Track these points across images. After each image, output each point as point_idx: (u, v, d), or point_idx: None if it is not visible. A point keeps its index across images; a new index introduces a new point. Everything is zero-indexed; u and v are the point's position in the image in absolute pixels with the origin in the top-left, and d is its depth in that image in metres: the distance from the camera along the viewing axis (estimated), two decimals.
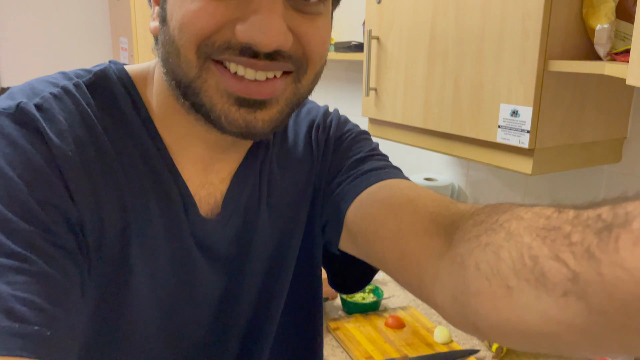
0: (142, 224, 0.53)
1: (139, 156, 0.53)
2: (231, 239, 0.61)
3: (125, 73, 0.56)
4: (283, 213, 0.65)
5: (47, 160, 0.46)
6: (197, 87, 0.48)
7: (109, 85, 0.54)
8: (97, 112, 0.52)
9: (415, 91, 1.28)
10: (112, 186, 0.50)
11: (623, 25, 0.93)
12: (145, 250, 0.53)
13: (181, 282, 0.57)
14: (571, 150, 1.10)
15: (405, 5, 1.27)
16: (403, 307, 1.43)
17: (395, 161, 1.90)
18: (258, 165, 0.63)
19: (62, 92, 0.51)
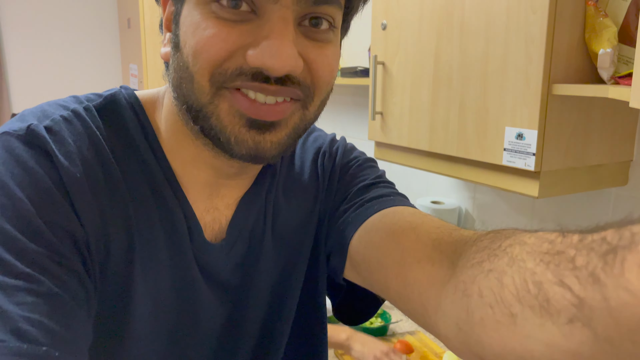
0: (147, 247, 0.53)
1: (145, 180, 0.54)
2: (235, 266, 0.61)
3: (136, 98, 0.57)
4: (288, 241, 0.65)
5: (56, 181, 0.46)
6: (210, 111, 0.48)
7: (118, 110, 0.55)
8: (106, 136, 0.53)
9: (420, 115, 1.29)
10: (119, 209, 0.51)
11: (625, 49, 0.94)
12: (149, 274, 0.53)
13: (183, 308, 0.57)
14: (577, 173, 1.10)
15: (410, 31, 1.29)
16: (411, 331, 1.42)
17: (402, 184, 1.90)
18: (264, 192, 0.63)
19: (72, 115, 0.52)
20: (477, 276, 0.40)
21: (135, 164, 0.54)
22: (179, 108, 0.52)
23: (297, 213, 0.65)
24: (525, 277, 0.35)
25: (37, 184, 0.46)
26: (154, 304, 0.54)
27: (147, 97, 0.58)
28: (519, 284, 0.35)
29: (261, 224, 0.62)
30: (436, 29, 1.21)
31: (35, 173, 0.46)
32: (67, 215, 0.46)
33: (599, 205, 1.27)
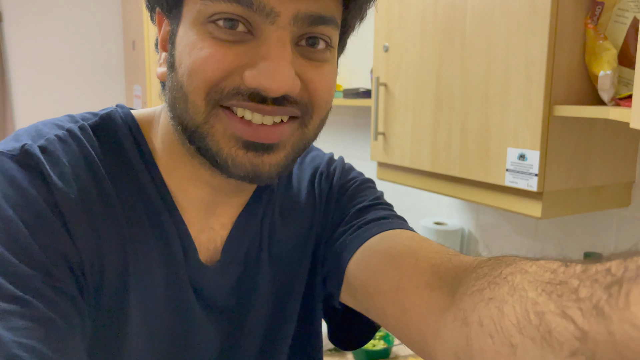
0: (142, 269, 0.52)
1: (140, 200, 0.53)
2: (230, 288, 0.59)
3: (132, 117, 0.57)
4: (285, 263, 0.63)
5: (50, 203, 0.46)
6: (204, 132, 0.48)
7: (114, 129, 0.55)
8: (101, 155, 0.52)
9: (422, 135, 1.30)
10: (114, 229, 0.50)
11: (625, 71, 0.95)
12: (143, 296, 0.53)
13: (178, 332, 0.56)
14: (580, 194, 1.10)
15: (412, 52, 1.31)
16: (414, 354, 1.41)
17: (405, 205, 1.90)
18: (260, 212, 0.62)
19: (67, 134, 0.51)
20: (478, 304, 0.39)
21: (131, 184, 0.53)
22: (175, 128, 0.52)
23: (294, 234, 0.64)
24: (526, 307, 0.34)
25: (31, 205, 0.45)
26: (148, 328, 0.53)
27: (143, 116, 0.58)
28: (520, 314, 0.34)
29: (257, 245, 0.61)
30: (438, 50, 1.22)
31: (29, 194, 0.45)
32: (62, 238, 0.46)
33: (602, 226, 1.27)
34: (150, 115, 0.58)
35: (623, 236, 1.23)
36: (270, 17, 0.45)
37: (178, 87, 0.48)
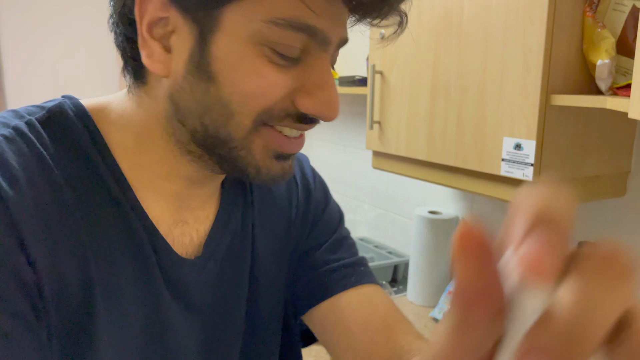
0: (107, 274, 0.49)
1: (100, 197, 0.49)
2: (209, 284, 0.57)
3: (83, 109, 0.52)
4: (265, 262, 0.63)
5: (1, 215, 0.42)
6: (241, 145, 0.48)
7: (65, 123, 0.50)
8: (54, 154, 0.47)
9: (418, 124, 1.29)
10: (72, 235, 0.46)
11: (624, 60, 0.95)
12: (112, 301, 0.49)
13: (153, 331, 0.53)
14: (575, 184, 1.10)
15: (408, 40, 1.29)
16: None
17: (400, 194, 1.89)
18: (239, 211, 0.61)
19: (14, 133, 0.46)
20: None
21: (90, 183, 0.49)
22: (179, 130, 0.49)
23: (273, 237, 0.64)
24: None
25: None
26: (120, 333, 0.50)
27: (95, 107, 0.53)
28: None
29: (238, 242, 0.60)
30: (434, 39, 1.21)
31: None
32: (14, 254, 0.42)
33: (597, 216, 1.27)
34: (104, 106, 0.53)
35: (618, 226, 1.23)
36: (324, 45, 0.46)
37: (219, 102, 0.46)
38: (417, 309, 1.65)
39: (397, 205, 1.99)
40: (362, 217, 2.21)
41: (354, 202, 2.26)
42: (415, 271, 1.68)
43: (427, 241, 1.63)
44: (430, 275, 1.65)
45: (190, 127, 0.49)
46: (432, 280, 1.65)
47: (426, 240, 1.63)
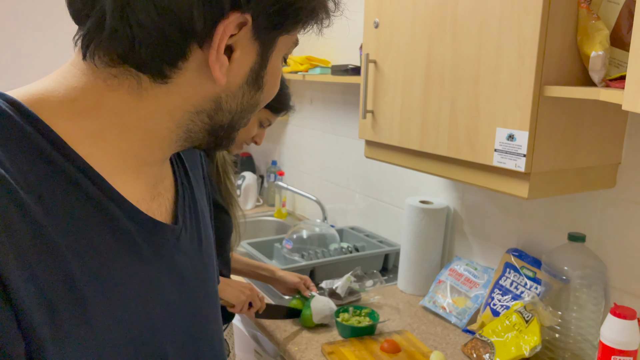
0: (95, 272, 0.47)
1: (71, 197, 0.47)
2: (187, 253, 0.61)
3: (18, 102, 0.47)
4: (205, 221, 0.69)
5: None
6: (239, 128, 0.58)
7: (7, 124, 0.45)
8: (8, 167, 0.43)
9: (411, 114, 1.29)
10: (49, 254, 0.44)
11: (617, 52, 0.95)
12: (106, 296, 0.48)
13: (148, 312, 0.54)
14: (566, 175, 1.11)
15: (403, 30, 1.29)
16: (399, 331, 1.42)
17: (391, 184, 1.91)
18: (182, 173, 0.65)
19: None
20: None
21: (60, 188, 0.46)
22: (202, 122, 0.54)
23: (201, 196, 0.70)
24: None
25: None
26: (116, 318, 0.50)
27: (31, 98, 0.48)
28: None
29: (193, 208, 0.65)
30: (429, 28, 1.21)
31: None
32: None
33: (586, 207, 1.28)
34: (43, 96, 0.49)
35: (607, 217, 1.24)
36: None
37: (255, 102, 0.57)
38: (408, 297, 1.67)
39: (388, 194, 2.00)
40: (354, 207, 2.21)
41: (345, 191, 2.26)
42: (406, 260, 1.69)
43: (418, 230, 1.64)
44: (420, 265, 1.66)
45: (217, 120, 0.55)
46: (422, 269, 1.66)
47: (417, 230, 1.64)
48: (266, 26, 0.51)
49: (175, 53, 0.48)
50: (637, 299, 1.20)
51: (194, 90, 0.51)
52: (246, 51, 0.51)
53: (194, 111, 0.53)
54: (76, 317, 0.45)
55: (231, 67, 0.51)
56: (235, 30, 0.49)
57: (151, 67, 0.48)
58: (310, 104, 2.43)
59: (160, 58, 0.48)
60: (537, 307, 1.22)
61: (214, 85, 0.51)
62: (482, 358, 1.24)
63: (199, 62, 0.49)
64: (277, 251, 1.96)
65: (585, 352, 1.20)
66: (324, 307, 1.44)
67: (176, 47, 0.48)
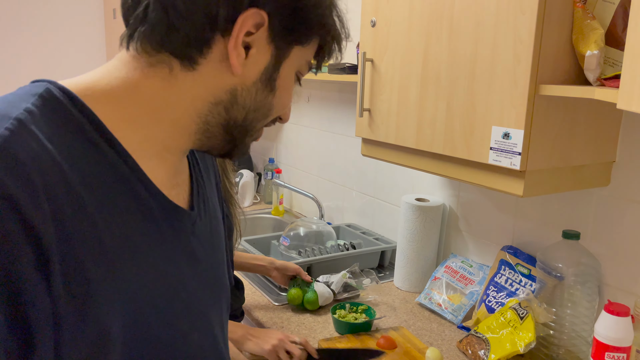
0: (121, 240, 0.53)
1: (106, 174, 0.53)
2: (202, 238, 0.67)
3: (68, 90, 0.54)
4: (214, 216, 0.74)
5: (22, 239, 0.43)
6: (252, 133, 0.64)
7: (58, 107, 0.52)
8: (55, 141, 0.49)
9: (408, 113, 1.30)
10: (84, 219, 0.49)
11: (612, 51, 0.96)
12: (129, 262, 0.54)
13: (169, 288, 0.59)
14: (561, 173, 1.12)
15: (399, 28, 1.30)
16: (395, 327, 1.43)
17: (387, 181, 1.91)
18: (195, 169, 0.71)
19: (17, 125, 0.47)
20: None
21: (94, 163, 0.52)
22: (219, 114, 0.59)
23: (211, 190, 0.76)
24: None
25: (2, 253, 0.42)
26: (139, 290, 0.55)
27: (78, 86, 0.55)
28: None
29: (206, 199, 0.72)
30: (425, 27, 1.22)
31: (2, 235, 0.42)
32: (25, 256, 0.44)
33: (581, 204, 1.30)
34: (88, 85, 0.56)
35: (601, 214, 1.25)
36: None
37: (267, 105, 0.62)
38: (404, 294, 1.68)
39: (385, 192, 2.01)
40: (350, 204, 2.22)
41: (342, 189, 2.27)
42: (402, 257, 1.70)
43: (414, 228, 1.65)
44: (416, 262, 1.67)
45: (232, 115, 0.60)
46: (418, 266, 1.67)
47: (413, 227, 1.65)
48: (280, 31, 0.58)
49: (202, 38, 0.55)
50: (630, 296, 1.21)
51: (215, 80, 0.58)
52: (262, 51, 0.58)
53: (213, 102, 0.59)
54: (104, 276, 0.51)
55: (247, 62, 0.58)
56: (253, 29, 0.56)
57: (183, 52, 0.56)
58: (307, 102, 2.44)
59: (190, 43, 0.55)
60: (532, 304, 1.24)
61: (232, 77, 0.58)
62: (477, 354, 1.25)
63: (220, 54, 0.56)
64: (274, 248, 1.97)
65: (579, 348, 1.21)
66: (325, 290, 1.54)
67: (203, 32, 0.55)
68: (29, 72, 3.08)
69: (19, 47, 3.06)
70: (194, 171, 0.70)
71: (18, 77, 3.06)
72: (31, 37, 3.08)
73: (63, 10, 3.14)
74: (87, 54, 3.25)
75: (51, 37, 3.14)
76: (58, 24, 3.14)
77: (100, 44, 3.29)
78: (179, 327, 0.61)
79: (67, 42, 3.18)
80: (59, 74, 3.12)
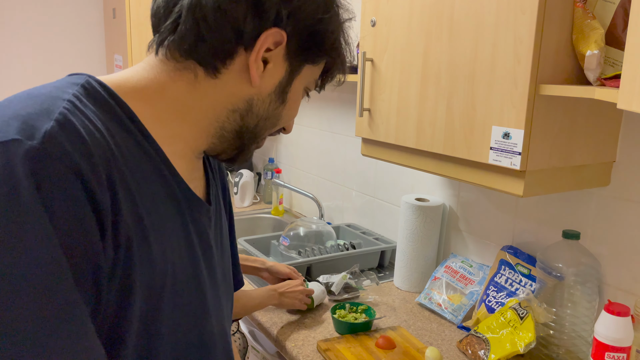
0: (151, 212, 0.58)
1: (143, 164, 0.58)
2: (213, 230, 0.73)
3: (104, 84, 0.59)
4: (224, 220, 0.80)
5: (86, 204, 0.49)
6: (258, 141, 0.70)
7: (99, 97, 0.57)
8: (100, 125, 0.54)
9: (408, 112, 1.30)
10: (127, 188, 0.55)
11: (612, 51, 0.96)
12: (157, 230, 0.59)
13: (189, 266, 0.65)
14: (561, 173, 1.11)
15: (399, 28, 1.29)
16: (393, 327, 1.43)
17: (387, 181, 1.91)
18: (209, 169, 0.77)
19: (72, 106, 0.52)
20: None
21: (133, 150, 0.57)
22: (234, 121, 0.65)
23: (218, 192, 0.81)
24: None
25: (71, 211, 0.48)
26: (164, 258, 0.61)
27: (113, 82, 0.60)
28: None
29: (217, 196, 0.78)
30: (426, 27, 1.21)
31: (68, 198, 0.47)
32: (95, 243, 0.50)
33: (581, 204, 1.29)
34: (121, 82, 0.61)
35: (601, 214, 1.25)
36: None
37: (277, 115, 0.69)
38: (403, 294, 1.68)
39: (385, 192, 2.00)
40: (350, 204, 2.22)
41: (342, 188, 2.27)
42: (402, 257, 1.70)
43: (414, 228, 1.65)
44: (416, 262, 1.67)
45: (246, 122, 0.66)
46: (418, 266, 1.67)
47: (413, 227, 1.65)
48: (295, 50, 0.64)
49: (227, 51, 0.60)
50: (630, 296, 1.21)
51: (234, 89, 0.63)
52: (278, 66, 0.64)
53: (231, 109, 0.64)
54: (143, 249, 0.56)
55: (264, 75, 0.63)
56: (273, 46, 0.62)
57: (208, 61, 0.61)
58: (307, 102, 2.44)
59: (216, 54, 0.60)
60: (532, 303, 1.23)
61: (250, 87, 0.63)
62: (477, 354, 1.25)
63: (241, 65, 0.62)
64: (274, 248, 1.97)
65: (579, 348, 1.21)
66: (319, 288, 1.56)
67: (228, 46, 0.60)
68: (29, 72, 3.08)
69: (18, 46, 3.06)
70: (209, 172, 0.76)
71: (17, 76, 3.05)
72: (31, 37, 3.08)
73: (62, 9, 3.14)
74: (87, 54, 3.25)
75: (51, 36, 3.13)
76: (57, 23, 3.14)
77: (99, 44, 3.29)
78: (193, 311, 0.66)
79: (66, 42, 3.18)
80: (58, 73, 3.12)
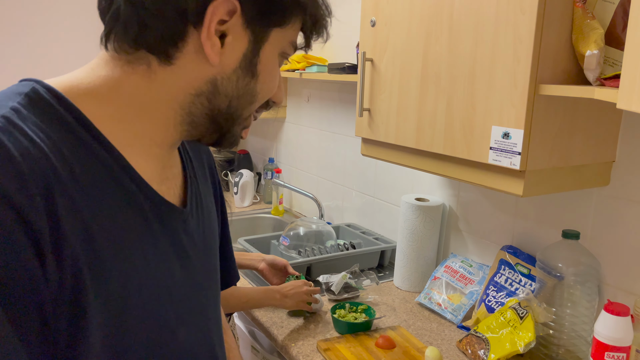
0: (110, 235, 0.53)
1: (94, 169, 0.54)
2: (193, 235, 0.67)
3: (53, 88, 0.55)
4: (208, 208, 0.75)
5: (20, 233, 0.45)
6: (240, 121, 0.63)
7: (44, 105, 0.53)
8: (43, 137, 0.50)
9: (408, 112, 1.30)
10: (73, 211, 0.50)
11: (612, 51, 0.96)
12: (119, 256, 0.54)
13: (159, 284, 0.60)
14: (561, 173, 1.12)
15: (399, 28, 1.29)
16: (393, 327, 1.43)
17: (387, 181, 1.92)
18: (188, 164, 0.72)
19: (5, 122, 0.48)
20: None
21: (82, 158, 0.53)
22: (202, 105, 0.59)
23: (205, 185, 0.76)
24: None
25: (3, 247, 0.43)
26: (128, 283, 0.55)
27: (62, 85, 0.56)
28: None
29: (199, 195, 0.72)
30: (425, 27, 1.22)
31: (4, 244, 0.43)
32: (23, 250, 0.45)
33: (580, 204, 1.29)
34: (73, 83, 0.57)
35: (601, 214, 1.25)
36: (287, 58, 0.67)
37: (251, 91, 0.61)
38: (403, 294, 1.68)
39: (384, 192, 2.01)
40: (350, 204, 2.22)
41: (342, 188, 2.27)
42: (402, 257, 1.70)
43: (414, 228, 1.65)
44: (416, 262, 1.67)
45: (216, 104, 0.60)
46: (418, 266, 1.67)
47: (413, 227, 1.65)
48: (254, 15, 0.57)
49: (175, 33, 0.55)
50: (630, 296, 1.21)
51: (193, 72, 0.57)
52: (238, 37, 0.57)
53: (194, 93, 0.59)
54: (92, 269, 0.51)
55: (224, 51, 0.57)
56: (227, 17, 0.56)
57: (158, 48, 0.56)
58: (307, 102, 2.44)
59: (164, 38, 0.55)
60: (532, 303, 1.23)
61: (210, 67, 0.57)
62: (477, 354, 1.25)
63: (196, 46, 0.56)
64: (274, 248, 1.97)
65: (579, 348, 1.21)
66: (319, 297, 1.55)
67: (175, 27, 0.55)
68: (26, 72, 3.08)
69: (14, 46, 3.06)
70: (188, 167, 0.71)
71: (15, 76, 3.05)
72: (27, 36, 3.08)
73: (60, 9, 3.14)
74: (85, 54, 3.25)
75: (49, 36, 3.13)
76: (55, 23, 3.14)
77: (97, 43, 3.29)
78: (166, 322, 0.61)
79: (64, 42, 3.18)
80: (55, 73, 3.12)
